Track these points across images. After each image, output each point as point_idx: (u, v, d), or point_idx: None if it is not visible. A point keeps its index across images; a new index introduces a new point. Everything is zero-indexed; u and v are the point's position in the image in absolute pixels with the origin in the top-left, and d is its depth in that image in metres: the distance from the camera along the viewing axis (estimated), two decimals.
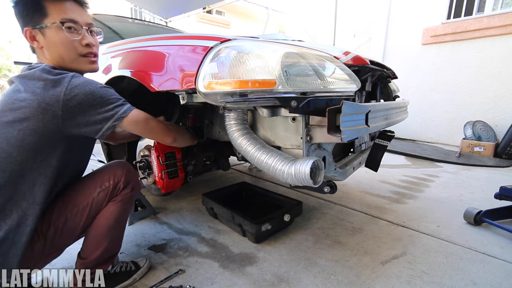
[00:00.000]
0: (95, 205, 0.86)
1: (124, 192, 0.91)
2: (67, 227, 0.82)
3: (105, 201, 0.88)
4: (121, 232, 0.97)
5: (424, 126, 4.50)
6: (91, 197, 0.86)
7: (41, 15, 0.79)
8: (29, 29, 0.79)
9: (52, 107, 0.71)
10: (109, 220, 0.89)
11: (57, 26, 0.80)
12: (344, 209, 1.70)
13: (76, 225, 0.84)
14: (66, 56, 0.83)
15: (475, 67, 3.90)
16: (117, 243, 0.97)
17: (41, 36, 0.81)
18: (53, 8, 0.80)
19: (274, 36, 1.36)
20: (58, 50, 0.82)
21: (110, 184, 0.88)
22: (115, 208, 0.90)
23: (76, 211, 0.84)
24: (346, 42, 5.31)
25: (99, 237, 0.89)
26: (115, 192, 0.89)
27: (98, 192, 0.87)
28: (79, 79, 0.77)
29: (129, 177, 0.93)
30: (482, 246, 1.30)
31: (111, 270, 0.98)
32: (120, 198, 0.91)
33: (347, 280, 1.04)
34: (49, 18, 0.79)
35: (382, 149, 1.34)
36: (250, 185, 1.77)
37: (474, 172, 2.69)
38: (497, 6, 3.79)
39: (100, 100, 0.77)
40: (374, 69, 1.22)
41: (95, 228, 0.89)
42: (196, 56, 0.88)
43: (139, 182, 0.99)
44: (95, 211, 0.87)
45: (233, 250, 1.24)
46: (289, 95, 0.78)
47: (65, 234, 0.83)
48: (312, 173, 0.83)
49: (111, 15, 2.19)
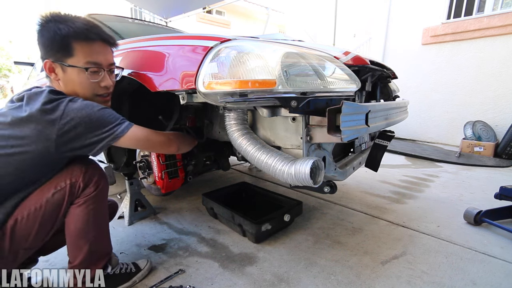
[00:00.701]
0: (50, 207, 0.80)
1: (86, 192, 0.85)
2: (17, 230, 0.76)
3: (64, 202, 0.82)
4: (102, 232, 0.93)
5: (424, 126, 4.50)
6: (45, 198, 0.79)
7: (66, 54, 0.81)
8: (50, 61, 0.81)
9: (47, 130, 0.72)
10: (77, 224, 0.85)
11: (81, 69, 0.83)
12: (344, 209, 1.70)
13: (29, 228, 0.77)
14: (81, 93, 0.86)
15: (475, 67, 3.90)
16: (102, 243, 0.93)
17: (60, 71, 0.82)
18: (81, 49, 0.81)
19: (274, 36, 1.36)
20: (75, 88, 0.85)
21: (66, 184, 0.81)
22: (80, 210, 0.84)
23: (27, 213, 0.77)
24: (346, 42, 5.31)
25: (75, 240, 0.86)
26: (74, 192, 0.83)
27: (52, 193, 0.80)
28: (76, 103, 0.76)
29: (89, 175, 0.85)
30: (482, 246, 1.30)
31: (110, 271, 0.97)
32: (83, 200, 0.84)
33: (347, 280, 1.04)
34: (74, 58, 0.81)
35: (382, 149, 1.34)
36: (250, 185, 1.77)
37: (474, 172, 2.69)
38: (497, 6, 3.79)
39: (97, 123, 0.77)
40: (374, 69, 1.22)
41: (67, 233, 0.86)
42: (196, 56, 0.88)
43: (105, 178, 0.91)
44: (52, 214, 0.80)
45: (233, 250, 1.24)
46: (289, 95, 0.78)
47: (16, 238, 0.76)
48: (312, 173, 0.83)
49: (111, 15, 2.19)
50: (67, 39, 0.80)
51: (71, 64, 0.82)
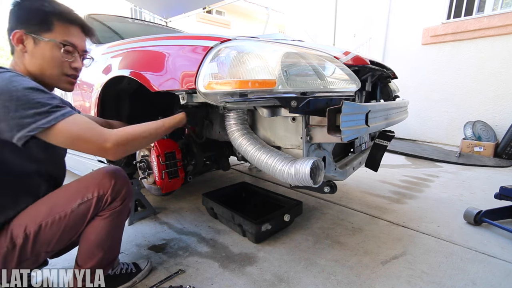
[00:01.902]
0: (74, 217, 0.78)
1: (112, 206, 0.84)
2: (40, 236, 0.76)
3: (89, 214, 0.80)
4: (117, 241, 0.94)
5: (424, 126, 4.50)
6: (70, 208, 0.78)
7: (44, 28, 0.78)
8: (21, 32, 0.77)
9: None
10: (99, 235, 0.84)
11: (56, 44, 0.80)
12: (344, 209, 1.70)
13: (52, 235, 0.77)
14: (48, 70, 0.81)
15: (475, 67, 3.90)
16: (114, 251, 0.94)
17: (31, 43, 0.78)
18: (60, 27, 0.80)
19: (274, 36, 1.36)
20: (44, 63, 0.80)
21: (94, 196, 0.80)
22: (105, 223, 0.84)
23: (52, 221, 0.76)
24: (346, 42, 5.31)
25: (91, 249, 0.86)
26: (100, 205, 0.81)
27: (78, 204, 0.78)
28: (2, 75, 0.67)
29: (118, 189, 0.83)
30: (482, 246, 1.30)
31: (111, 272, 0.98)
32: (109, 213, 0.84)
33: (347, 280, 1.04)
34: (52, 34, 0.79)
35: (382, 149, 1.34)
36: (250, 185, 1.77)
37: (474, 172, 2.69)
38: (497, 6, 3.79)
39: (17, 103, 0.64)
40: (374, 69, 1.22)
41: (85, 240, 0.85)
42: (196, 56, 0.89)
43: (131, 191, 0.91)
44: (76, 224, 0.80)
45: (233, 250, 1.24)
46: (289, 95, 0.78)
47: (40, 243, 0.76)
48: (312, 173, 0.83)
49: (111, 15, 2.19)
50: (50, 16, 0.79)
51: (47, 38, 0.78)
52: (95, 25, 1.80)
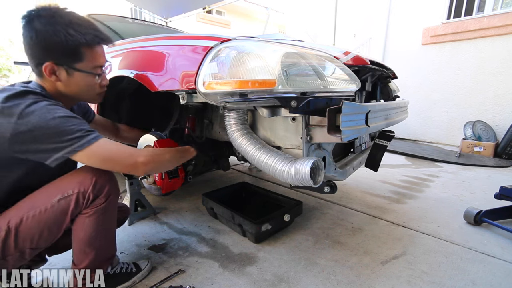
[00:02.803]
0: (55, 212, 0.78)
1: (96, 203, 0.83)
2: (21, 230, 0.76)
3: (69, 209, 0.80)
4: (109, 239, 0.93)
5: (424, 126, 4.50)
6: (50, 203, 0.78)
7: (75, 59, 0.81)
8: (52, 64, 0.78)
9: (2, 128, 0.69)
10: (86, 232, 0.84)
11: (89, 73, 0.84)
12: (344, 209, 1.70)
13: (33, 230, 0.77)
14: (83, 94, 0.88)
15: (475, 67, 3.90)
16: (108, 250, 0.94)
17: (64, 74, 0.81)
18: (89, 54, 0.82)
19: (274, 36, 1.36)
20: (80, 90, 0.85)
21: (74, 192, 0.80)
22: (90, 221, 0.84)
23: (32, 214, 0.77)
24: (346, 42, 5.31)
25: (82, 247, 0.86)
26: (82, 202, 0.81)
27: (58, 199, 0.79)
28: (39, 104, 0.72)
29: (99, 186, 0.83)
30: (482, 246, 1.30)
31: (111, 271, 0.98)
32: (93, 211, 0.83)
33: (347, 280, 1.04)
34: (83, 63, 0.82)
35: (382, 149, 1.34)
36: (250, 185, 1.77)
37: (474, 172, 2.69)
38: (497, 6, 3.79)
39: (54, 130, 0.71)
40: (374, 69, 1.22)
41: (75, 238, 0.85)
42: (196, 56, 0.88)
43: (115, 188, 0.89)
44: (56, 219, 0.79)
45: (233, 250, 1.24)
46: (289, 95, 0.78)
47: (22, 237, 0.77)
48: (312, 173, 0.83)
49: (111, 15, 2.19)
50: (79, 47, 0.80)
51: (80, 68, 0.82)
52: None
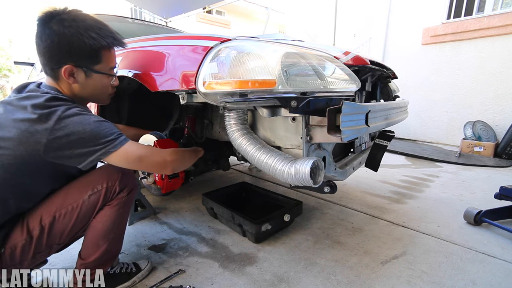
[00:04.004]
0: (85, 207, 0.84)
1: (120, 196, 0.89)
2: (54, 227, 0.81)
3: (98, 204, 0.85)
4: (120, 233, 0.96)
5: (424, 126, 4.50)
6: (81, 199, 0.83)
7: (95, 61, 0.84)
8: (72, 66, 0.80)
9: (38, 134, 0.70)
10: (105, 223, 0.88)
11: (107, 75, 0.89)
12: (344, 209, 1.70)
13: (64, 226, 0.82)
14: (98, 95, 0.92)
15: (475, 67, 3.90)
16: (117, 244, 0.96)
17: (82, 76, 0.84)
18: (107, 56, 0.87)
19: (274, 36, 1.36)
20: (95, 91, 0.89)
21: (103, 187, 0.85)
22: (112, 212, 0.88)
23: (65, 212, 0.81)
24: (346, 42, 5.31)
25: (97, 239, 0.88)
26: (109, 195, 0.87)
27: (89, 195, 0.84)
28: (72, 110, 0.76)
29: (125, 180, 0.89)
30: (482, 246, 1.30)
31: (110, 270, 0.98)
32: (116, 202, 0.88)
33: (347, 280, 1.04)
34: (101, 65, 0.86)
35: (382, 149, 1.34)
36: (250, 185, 1.77)
37: (474, 172, 2.69)
38: (497, 6, 3.79)
39: (91, 135, 0.75)
40: (374, 69, 1.22)
41: (91, 230, 0.88)
42: (196, 56, 0.88)
43: (136, 183, 0.96)
44: (86, 214, 0.85)
45: (233, 250, 1.24)
46: (289, 95, 0.78)
47: (53, 234, 0.81)
48: (312, 173, 0.83)
49: (111, 15, 2.19)
50: (100, 50, 0.84)
51: (99, 70, 0.86)
52: None
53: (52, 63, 0.80)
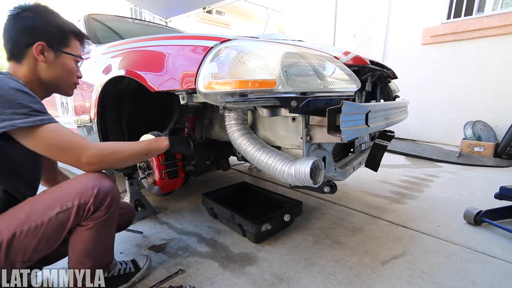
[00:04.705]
0: (52, 226, 0.73)
1: (96, 216, 0.79)
2: (14, 244, 0.71)
3: (68, 223, 0.75)
4: (108, 248, 0.91)
5: (424, 126, 4.50)
6: (47, 216, 0.72)
7: (65, 44, 0.89)
8: (44, 44, 0.83)
9: None
10: (85, 244, 0.81)
11: (74, 58, 0.91)
12: (344, 209, 1.70)
13: (27, 244, 0.72)
14: (64, 79, 0.91)
15: (475, 67, 3.90)
16: (105, 257, 0.91)
17: (52, 55, 0.85)
18: (74, 43, 0.92)
19: (274, 36, 1.36)
20: (61, 73, 0.89)
21: (74, 205, 0.74)
22: (90, 233, 0.80)
23: (27, 229, 0.71)
24: (346, 42, 5.31)
25: (79, 258, 0.83)
26: (82, 214, 0.76)
27: (56, 213, 0.73)
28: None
29: (101, 198, 0.78)
30: (482, 246, 1.30)
31: (108, 274, 0.95)
32: (92, 224, 0.79)
33: (347, 280, 1.04)
34: (69, 49, 0.90)
35: (382, 149, 1.34)
36: (250, 185, 1.77)
37: (474, 172, 2.69)
38: (497, 6, 3.78)
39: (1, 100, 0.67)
40: (374, 69, 1.22)
41: (72, 249, 0.82)
42: (196, 56, 0.89)
43: (117, 197, 0.84)
44: (53, 234, 0.74)
45: (233, 250, 1.24)
46: (289, 95, 0.78)
47: (13, 252, 0.71)
48: (312, 173, 0.83)
49: (111, 15, 2.19)
50: (69, 34, 0.89)
51: (68, 52, 0.89)
52: (95, 25, 1.81)
53: (23, 42, 0.81)
